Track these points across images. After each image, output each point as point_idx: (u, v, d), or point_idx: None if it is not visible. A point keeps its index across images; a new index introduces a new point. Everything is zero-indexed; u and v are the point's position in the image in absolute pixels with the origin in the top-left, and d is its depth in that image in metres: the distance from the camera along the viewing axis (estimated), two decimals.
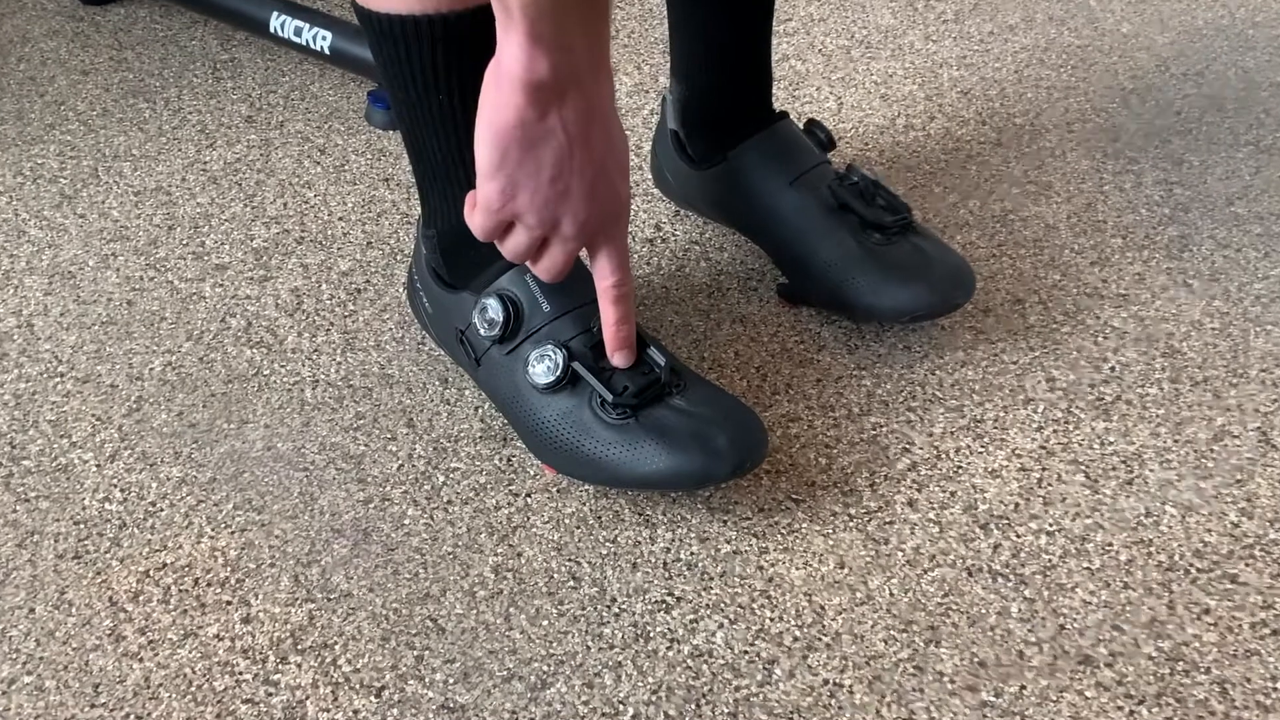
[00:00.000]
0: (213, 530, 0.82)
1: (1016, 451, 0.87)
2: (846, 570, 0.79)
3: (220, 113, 1.23)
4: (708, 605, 0.77)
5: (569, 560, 0.80)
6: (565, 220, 0.71)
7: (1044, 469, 0.85)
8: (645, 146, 1.17)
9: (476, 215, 0.73)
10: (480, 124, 0.67)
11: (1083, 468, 0.86)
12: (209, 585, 0.79)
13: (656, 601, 0.77)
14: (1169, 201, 1.09)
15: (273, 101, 1.25)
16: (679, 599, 0.77)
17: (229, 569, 0.80)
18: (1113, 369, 0.93)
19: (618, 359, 0.79)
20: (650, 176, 1.13)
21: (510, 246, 0.74)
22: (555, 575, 0.79)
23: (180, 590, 0.78)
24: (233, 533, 0.82)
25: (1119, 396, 0.91)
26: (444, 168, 0.82)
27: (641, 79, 1.27)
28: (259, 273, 1.03)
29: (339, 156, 1.17)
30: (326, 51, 1.22)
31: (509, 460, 0.87)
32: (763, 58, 0.97)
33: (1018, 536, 0.81)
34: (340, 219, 1.09)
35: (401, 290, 1.01)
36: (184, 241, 1.07)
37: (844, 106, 1.22)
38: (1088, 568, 0.79)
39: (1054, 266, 1.02)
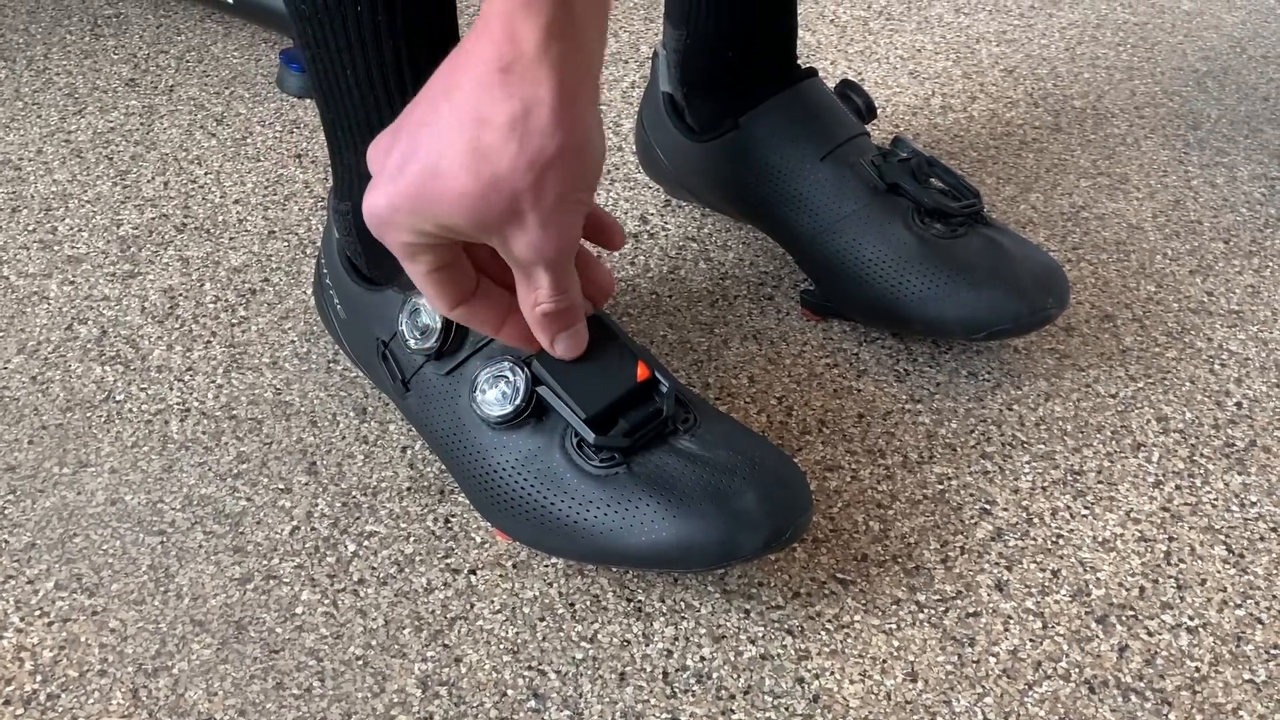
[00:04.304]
0: (22, 619, 0.58)
1: (1132, 514, 0.64)
2: (921, 685, 0.56)
3: (96, 74, 0.99)
4: None
5: (529, 669, 0.56)
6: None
7: (1171, 539, 0.63)
8: (626, 124, 0.94)
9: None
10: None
11: (1221, 537, 0.64)
12: (7, 703, 0.54)
13: None
14: (1273, 200, 0.88)
15: (162, 63, 1.01)
16: None
17: (39, 678, 0.55)
18: (1239, 405, 0.71)
19: (560, 347, 0.55)
20: (634, 158, 0.90)
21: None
22: (509, 692, 0.55)
23: None
24: (50, 623, 0.58)
25: (1253, 441, 0.69)
26: (361, 112, 0.59)
27: (619, 47, 1.05)
28: (123, 267, 0.79)
29: (240, 128, 0.93)
30: (230, 0, 0.98)
31: (446, 523, 0.63)
32: None
33: (1149, 635, 0.59)
34: (236, 202, 0.85)
35: (310, 292, 0.77)
36: (29, 227, 0.82)
37: (866, 83, 1.00)
38: (1250, 680, 0.57)
39: (1146, 275, 0.81)
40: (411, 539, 0.62)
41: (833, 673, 0.56)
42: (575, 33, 0.42)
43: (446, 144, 0.44)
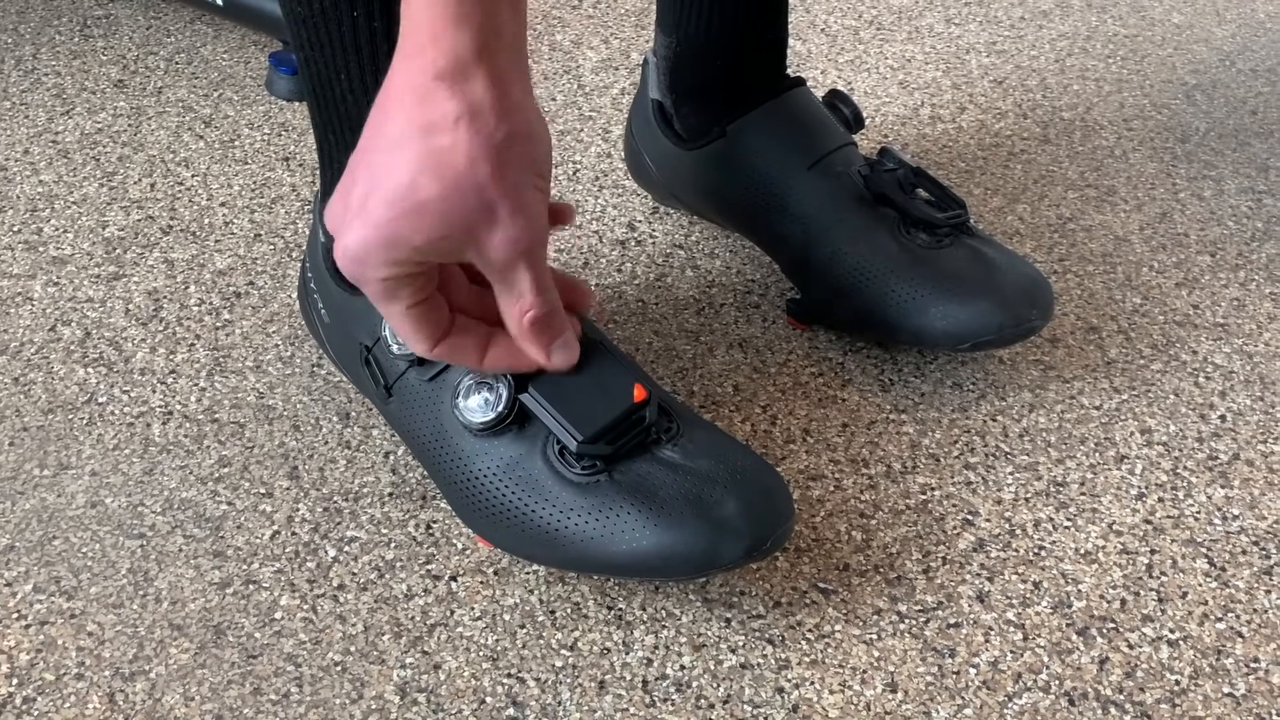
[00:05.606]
0: None
1: (1114, 527, 0.65)
2: (900, 695, 0.56)
3: (84, 75, 0.99)
4: None
5: (508, 676, 0.56)
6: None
7: (1153, 551, 0.63)
8: (615, 131, 0.94)
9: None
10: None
11: (1203, 551, 0.64)
12: None
13: None
14: (1259, 213, 0.88)
15: (151, 64, 1.01)
16: None
17: (16, 681, 0.55)
18: (1223, 418, 0.71)
19: (557, 358, 0.56)
20: (622, 165, 0.90)
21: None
22: (488, 699, 0.55)
23: None
24: (27, 626, 0.57)
25: (1236, 455, 0.69)
26: (354, 115, 0.59)
27: (610, 54, 1.05)
28: (109, 269, 0.79)
29: (228, 130, 0.93)
30: (219, 2, 0.98)
31: (428, 529, 0.63)
32: (777, 3, 0.74)
33: (1130, 647, 0.59)
34: (222, 205, 0.85)
35: (294, 296, 0.77)
36: (14, 228, 0.82)
37: (855, 92, 1.00)
38: (1230, 694, 0.57)
39: (1131, 287, 0.81)
40: (392, 545, 0.62)
41: (813, 682, 0.56)
42: (502, 36, 0.46)
43: (401, 160, 0.46)
